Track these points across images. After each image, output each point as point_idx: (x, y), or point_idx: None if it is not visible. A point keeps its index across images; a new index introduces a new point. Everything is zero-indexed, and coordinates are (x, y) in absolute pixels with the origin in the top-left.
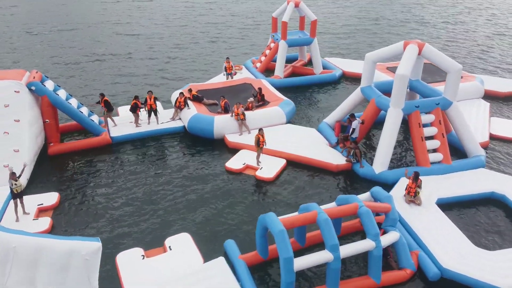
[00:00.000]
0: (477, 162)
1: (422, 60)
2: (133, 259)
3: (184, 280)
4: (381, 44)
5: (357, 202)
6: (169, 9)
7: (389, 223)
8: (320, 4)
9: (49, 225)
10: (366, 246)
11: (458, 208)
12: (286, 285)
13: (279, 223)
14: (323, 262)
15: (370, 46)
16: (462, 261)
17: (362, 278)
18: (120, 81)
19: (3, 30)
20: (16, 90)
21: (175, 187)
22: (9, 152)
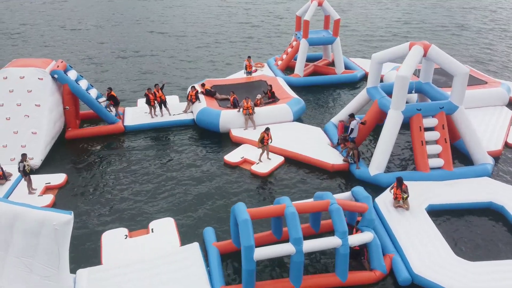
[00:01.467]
0: (481, 171)
1: (433, 63)
2: (117, 237)
3: (155, 261)
4: None
5: (330, 199)
6: (204, 8)
7: (365, 223)
8: (360, 4)
9: (51, 201)
10: (332, 243)
11: (451, 215)
12: (246, 272)
13: (245, 213)
14: (285, 254)
15: None
16: (435, 268)
17: (327, 275)
18: (144, 77)
19: (44, 24)
20: (40, 77)
21: (174, 176)
22: (27, 133)
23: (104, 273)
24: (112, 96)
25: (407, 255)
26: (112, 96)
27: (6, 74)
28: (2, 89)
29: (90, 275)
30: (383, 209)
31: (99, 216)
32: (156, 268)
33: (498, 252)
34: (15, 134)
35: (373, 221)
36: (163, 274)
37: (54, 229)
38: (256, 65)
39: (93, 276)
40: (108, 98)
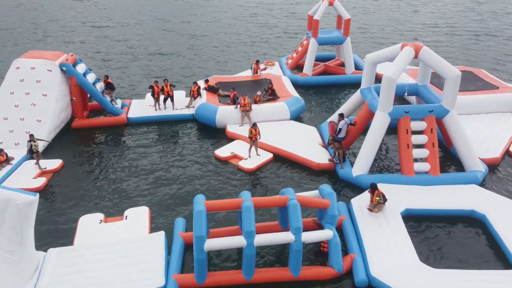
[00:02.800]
0: (470, 178)
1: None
2: (92, 222)
3: (121, 245)
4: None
5: (290, 194)
6: (225, 8)
7: (327, 220)
8: (389, 6)
9: (43, 184)
10: (285, 239)
11: (429, 221)
12: (197, 261)
13: (201, 205)
14: (237, 246)
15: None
16: (394, 272)
17: (280, 269)
18: (161, 73)
19: (72, 21)
20: (49, 68)
21: (164, 167)
22: (33, 121)
23: (72, 253)
24: (108, 83)
25: (368, 257)
26: (109, 83)
27: (18, 64)
28: (14, 78)
29: (59, 254)
30: (357, 210)
31: (84, 201)
32: (119, 252)
33: (467, 262)
34: (22, 121)
35: (336, 217)
36: (124, 258)
37: (18, 208)
38: (266, 64)
39: (62, 255)
40: (106, 85)
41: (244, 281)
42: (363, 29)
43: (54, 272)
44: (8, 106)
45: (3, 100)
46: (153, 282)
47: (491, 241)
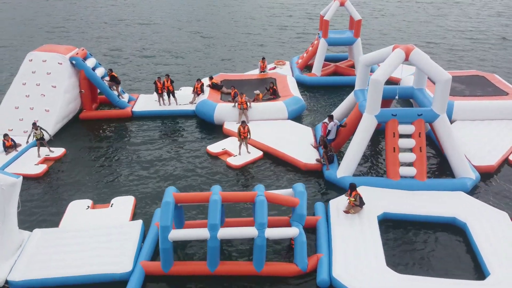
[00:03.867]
0: (458, 185)
1: None
2: (79, 207)
3: (100, 230)
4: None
5: (259, 191)
6: (245, 8)
7: (295, 218)
8: (417, 10)
9: (43, 170)
10: (249, 233)
11: (409, 226)
12: (162, 250)
13: (169, 196)
14: (201, 238)
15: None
16: (356, 275)
17: (244, 263)
18: (176, 70)
19: (97, 19)
20: (59, 62)
21: (160, 160)
22: (41, 110)
23: (55, 235)
24: (113, 77)
25: (334, 258)
26: (113, 76)
27: (32, 57)
28: (27, 69)
29: (43, 235)
30: (333, 211)
31: (78, 188)
32: (97, 236)
33: (438, 270)
34: (31, 110)
35: (303, 216)
36: (101, 242)
37: (1, 189)
38: (277, 63)
39: (45, 236)
40: (110, 78)
41: (208, 273)
42: (383, 32)
43: (35, 250)
44: (20, 96)
45: (15, 90)
46: (121, 267)
47: (469, 251)
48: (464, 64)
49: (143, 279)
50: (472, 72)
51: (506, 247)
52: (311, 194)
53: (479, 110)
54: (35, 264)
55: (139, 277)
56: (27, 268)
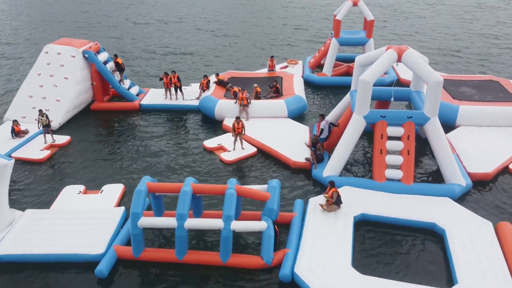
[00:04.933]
0: (445, 191)
1: None
2: (72, 192)
3: (85, 214)
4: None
5: (230, 184)
6: (267, 8)
7: (266, 212)
8: (445, 13)
9: (46, 156)
10: (216, 225)
11: (385, 229)
12: (132, 236)
13: (143, 185)
14: (169, 227)
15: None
16: (317, 272)
17: (211, 253)
18: (189, 66)
19: (116, 18)
20: (73, 55)
21: (159, 152)
22: (52, 100)
23: (44, 215)
24: (117, 63)
25: (300, 254)
26: (117, 62)
27: (48, 49)
28: (43, 61)
29: (33, 215)
30: (311, 209)
31: (76, 174)
32: (81, 219)
33: (406, 274)
34: (43, 99)
35: (273, 211)
36: (83, 225)
37: None
38: (290, 62)
39: (35, 216)
40: (115, 65)
41: (176, 260)
42: (405, 34)
43: (22, 229)
44: (34, 86)
45: (31, 80)
46: (94, 249)
47: (443, 258)
48: (488, 70)
49: (115, 262)
50: (487, 77)
51: (481, 257)
52: (296, 192)
53: (486, 116)
54: (20, 241)
55: (110, 259)
56: (12, 244)
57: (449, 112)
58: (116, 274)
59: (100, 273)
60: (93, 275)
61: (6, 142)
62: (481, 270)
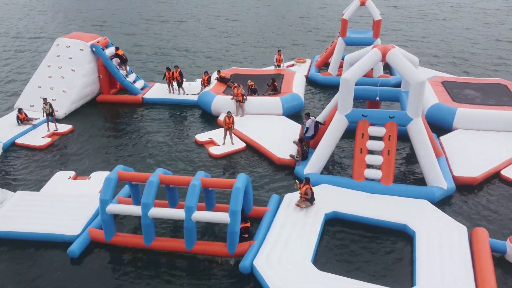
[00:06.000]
0: (424, 193)
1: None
2: (62, 177)
3: (70, 198)
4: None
5: (195, 176)
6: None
7: (229, 212)
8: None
9: (46, 143)
10: (178, 215)
11: (356, 228)
12: (102, 221)
13: (114, 173)
14: (134, 215)
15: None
16: (274, 266)
17: (177, 240)
18: (199, 62)
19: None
20: (81, 48)
21: (153, 144)
22: (59, 91)
23: (32, 197)
24: (117, 55)
25: (262, 247)
26: (118, 54)
27: (58, 42)
28: (53, 53)
29: (23, 196)
30: (285, 204)
31: (71, 160)
32: (65, 202)
33: (367, 273)
34: (51, 90)
35: (235, 212)
36: (66, 208)
37: None
38: (297, 60)
39: (24, 197)
40: (115, 56)
41: (143, 246)
42: (422, 36)
43: (11, 208)
44: (44, 77)
45: (41, 71)
46: (71, 230)
47: (410, 260)
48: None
49: (88, 244)
50: (495, 80)
51: (446, 261)
52: (276, 188)
53: (485, 120)
54: (6, 219)
55: (83, 241)
56: None
57: (446, 114)
58: (89, 255)
59: (71, 252)
60: (67, 254)
61: (13, 129)
62: (443, 274)
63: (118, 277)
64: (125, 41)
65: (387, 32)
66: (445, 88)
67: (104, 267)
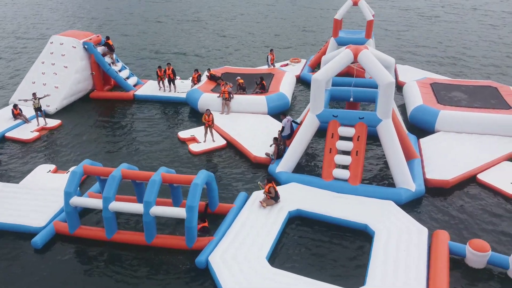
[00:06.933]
0: (390, 194)
1: (391, 71)
2: (43, 170)
3: (45, 190)
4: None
5: (157, 172)
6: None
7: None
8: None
9: (33, 137)
10: (137, 210)
11: (319, 226)
12: (66, 213)
13: (79, 168)
14: (96, 208)
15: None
16: (229, 261)
17: (137, 234)
18: (199, 59)
19: (134, 17)
20: (73, 45)
21: (137, 140)
22: (51, 86)
23: (10, 188)
24: (107, 44)
25: (220, 243)
26: (107, 43)
27: (53, 40)
28: (47, 50)
29: (2, 188)
30: (250, 201)
31: (55, 154)
32: (38, 195)
33: (321, 271)
34: (44, 86)
35: (192, 208)
36: (39, 200)
37: None
38: (292, 60)
39: (4, 189)
40: (105, 45)
41: (105, 239)
42: (425, 37)
43: None
44: (38, 73)
45: (36, 67)
46: (37, 222)
47: (367, 259)
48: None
49: (53, 236)
50: (487, 82)
51: (401, 262)
52: (249, 185)
53: (467, 123)
54: None
55: (48, 233)
56: None
57: (428, 116)
58: (53, 246)
59: (34, 243)
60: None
61: (5, 122)
62: (395, 275)
63: (80, 268)
64: (126, 39)
65: (387, 34)
66: (432, 90)
67: (66, 258)
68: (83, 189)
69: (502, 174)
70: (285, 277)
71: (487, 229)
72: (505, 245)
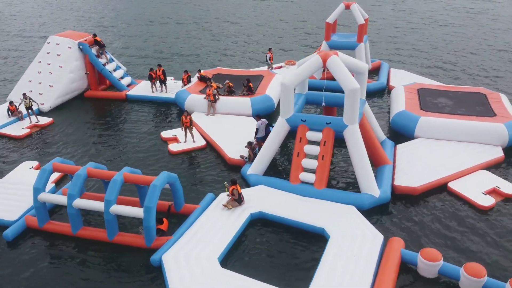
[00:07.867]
0: (353, 199)
1: (364, 77)
2: (26, 166)
3: (24, 186)
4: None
5: (119, 172)
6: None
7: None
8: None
9: (24, 134)
10: (98, 207)
11: (279, 228)
12: (35, 208)
13: (49, 165)
14: (61, 204)
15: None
16: (180, 261)
17: (100, 231)
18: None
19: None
20: (69, 46)
21: (123, 138)
22: (46, 86)
23: None
24: (96, 41)
25: (177, 243)
26: (96, 40)
27: (50, 40)
28: (44, 50)
29: None
30: (215, 202)
31: (42, 151)
32: (16, 190)
33: (271, 274)
34: (39, 84)
35: (149, 208)
36: (16, 195)
37: None
38: (287, 63)
39: None
40: (94, 42)
41: (71, 234)
42: (426, 42)
43: None
44: (34, 72)
45: (32, 66)
46: (9, 215)
47: (317, 262)
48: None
49: (23, 229)
50: (477, 89)
51: (349, 267)
52: (220, 186)
53: (447, 130)
54: None
55: (19, 226)
56: None
57: (408, 122)
58: (23, 239)
59: (5, 236)
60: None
61: (0, 119)
62: (341, 279)
63: (47, 261)
64: (127, 39)
65: (387, 37)
66: (418, 96)
67: (35, 251)
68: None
69: (475, 183)
70: (233, 278)
71: (447, 238)
72: (462, 256)
